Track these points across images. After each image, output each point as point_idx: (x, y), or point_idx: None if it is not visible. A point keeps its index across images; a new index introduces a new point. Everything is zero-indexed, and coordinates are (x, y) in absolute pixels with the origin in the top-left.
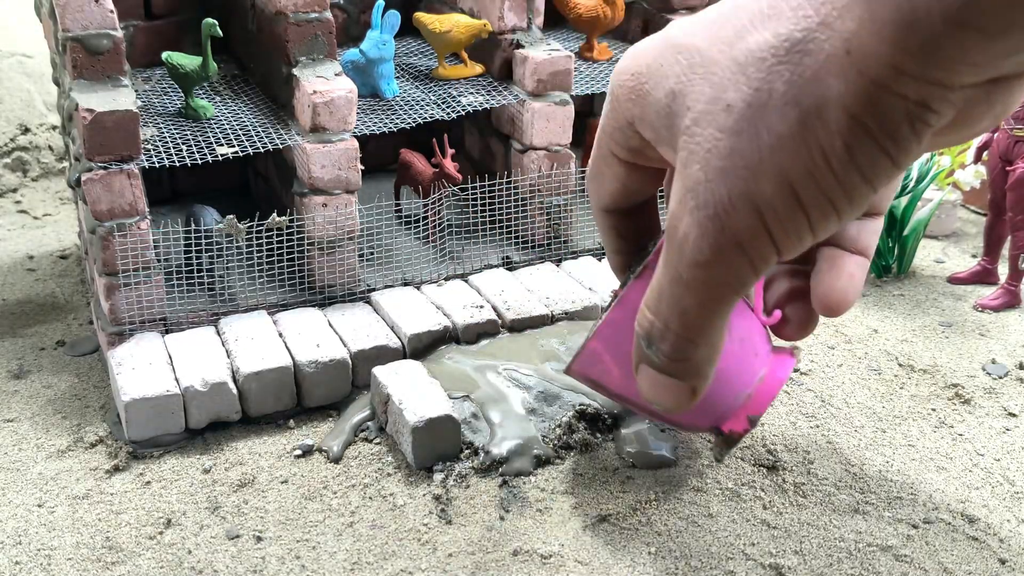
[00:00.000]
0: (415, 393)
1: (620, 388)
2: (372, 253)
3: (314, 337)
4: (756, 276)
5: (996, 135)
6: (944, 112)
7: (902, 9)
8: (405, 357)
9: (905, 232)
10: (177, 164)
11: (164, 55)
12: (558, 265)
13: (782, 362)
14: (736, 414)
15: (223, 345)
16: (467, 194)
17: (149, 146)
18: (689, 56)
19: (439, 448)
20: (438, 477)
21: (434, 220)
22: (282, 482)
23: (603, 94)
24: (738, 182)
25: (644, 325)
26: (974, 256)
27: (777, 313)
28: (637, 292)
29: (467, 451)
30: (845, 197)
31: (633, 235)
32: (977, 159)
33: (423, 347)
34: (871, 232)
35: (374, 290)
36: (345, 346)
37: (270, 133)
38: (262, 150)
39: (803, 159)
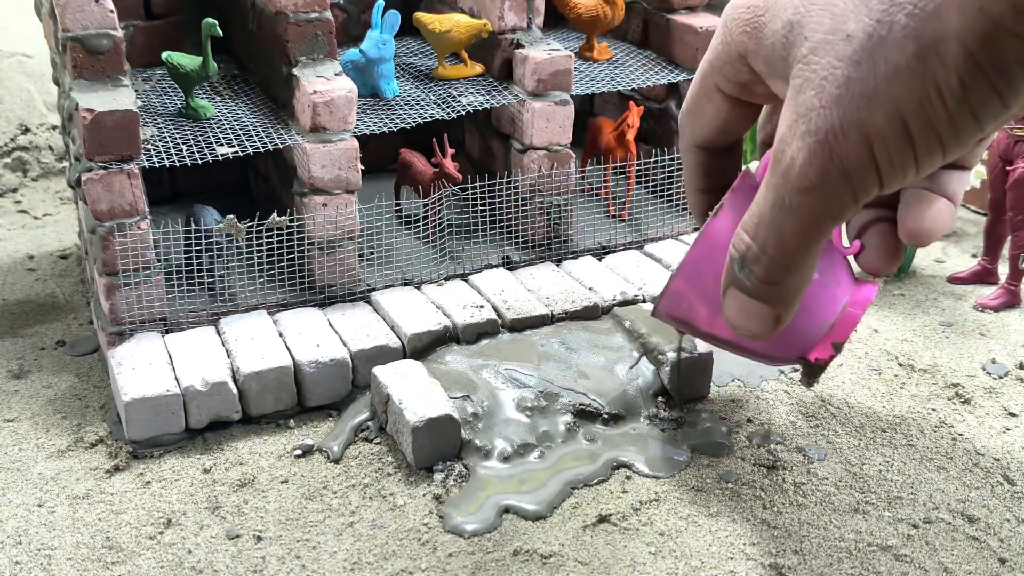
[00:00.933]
0: (415, 393)
1: (707, 325)
2: (372, 253)
3: (314, 337)
4: (856, 207)
5: (996, 135)
6: None
7: None
8: (405, 357)
9: None
10: (177, 164)
11: (164, 55)
12: (558, 265)
13: (864, 290)
14: (821, 343)
15: (223, 345)
16: (467, 194)
17: (149, 146)
18: None
19: (439, 448)
20: (438, 477)
21: (434, 220)
22: (282, 482)
23: (602, 94)
24: (851, 110)
25: (740, 248)
26: (974, 256)
27: (857, 243)
28: (716, 229)
29: (467, 451)
30: (953, 133)
31: (718, 174)
32: None
33: (423, 347)
34: (959, 181)
35: (374, 290)
36: (345, 346)
37: (270, 133)
38: (262, 150)
39: (917, 92)
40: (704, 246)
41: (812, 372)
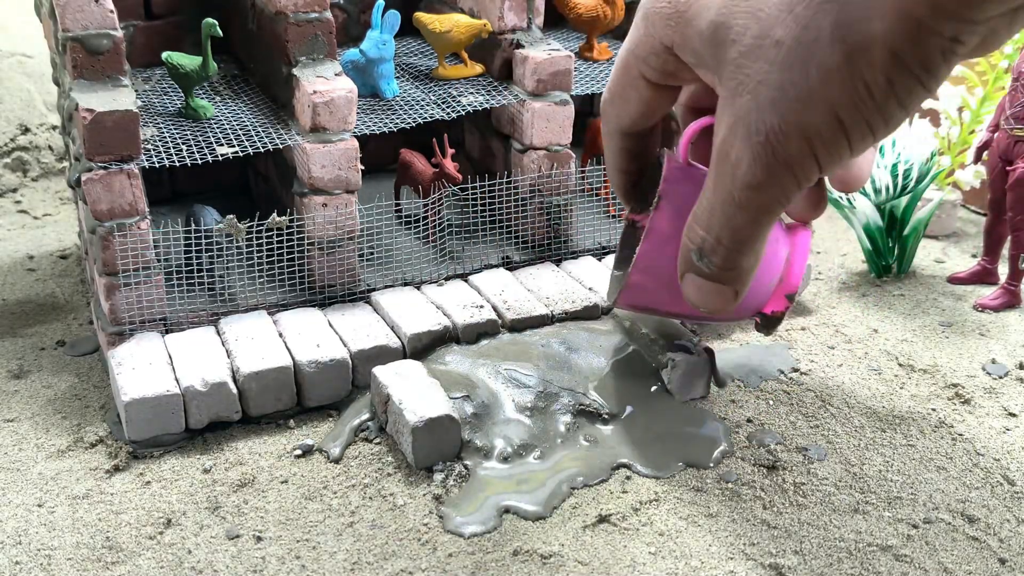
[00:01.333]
0: (415, 393)
1: (668, 306)
2: (372, 253)
3: (314, 337)
4: (800, 192)
5: (996, 135)
6: (971, 43)
7: None
8: (405, 357)
9: (905, 232)
10: (177, 164)
11: (164, 55)
12: (558, 265)
13: (801, 237)
14: (773, 296)
15: (223, 345)
16: (467, 194)
17: (149, 146)
18: None
19: (439, 448)
20: (438, 477)
21: (434, 220)
22: (282, 482)
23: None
24: (789, 112)
25: (695, 240)
26: (974, 256)
27: None
28: (660, 221)
29: (467, 451)
30: (883, 122)
31: (641, 155)
32: (977, 159)
33: (423, 347)
34: None
35: (374, 290)
36: (345, 346)
37: (270, 133)
38: (262, 150)
39: (849, 92)
40: (653, 239)
41: (770, 324)
